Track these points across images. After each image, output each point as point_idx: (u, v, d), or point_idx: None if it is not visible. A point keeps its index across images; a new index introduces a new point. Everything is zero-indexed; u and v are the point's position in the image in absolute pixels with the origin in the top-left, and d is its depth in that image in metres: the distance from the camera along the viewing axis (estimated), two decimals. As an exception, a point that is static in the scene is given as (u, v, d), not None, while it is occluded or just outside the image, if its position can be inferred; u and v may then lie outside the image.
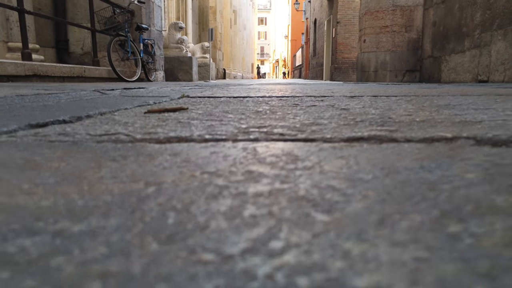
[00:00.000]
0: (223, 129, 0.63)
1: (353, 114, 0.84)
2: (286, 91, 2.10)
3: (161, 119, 0.72)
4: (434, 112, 0.87)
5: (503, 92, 1.44)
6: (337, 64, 11.68)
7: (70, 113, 0.83)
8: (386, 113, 0.86)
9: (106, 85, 3.16)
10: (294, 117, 0.77)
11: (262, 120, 0.73)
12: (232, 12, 23.70)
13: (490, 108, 0.93)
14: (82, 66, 3.79)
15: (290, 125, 0.69)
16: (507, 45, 3.40)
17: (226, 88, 2.63)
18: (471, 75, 4.01)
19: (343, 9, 11.36)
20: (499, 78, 3.51)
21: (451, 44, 4.48)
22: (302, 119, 0.78)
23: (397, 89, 2.04)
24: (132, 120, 0.73)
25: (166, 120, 0.70)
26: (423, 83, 5.24)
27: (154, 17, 5.89)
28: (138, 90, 1.55)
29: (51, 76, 3.24)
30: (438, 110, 0.91)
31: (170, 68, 8.43)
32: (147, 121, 0.72)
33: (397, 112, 0.88)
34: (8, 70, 2.75)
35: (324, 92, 1.76)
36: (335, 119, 0.77)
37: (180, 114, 0.78)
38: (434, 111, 0.90)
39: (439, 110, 0.92)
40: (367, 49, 5.65)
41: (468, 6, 4.11)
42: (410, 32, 5.34)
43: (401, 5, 5.30)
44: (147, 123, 0.69)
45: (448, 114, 0.82)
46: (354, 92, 1.64)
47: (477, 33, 3.90)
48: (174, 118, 0.74)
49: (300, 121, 0.74)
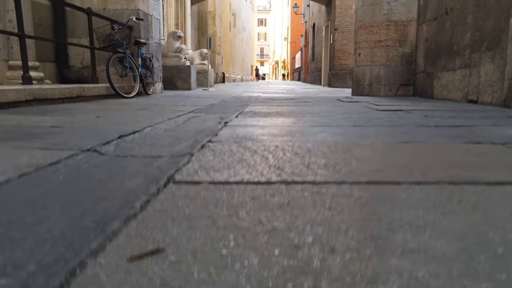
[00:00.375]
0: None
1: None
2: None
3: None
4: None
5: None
6: (334, 70, 11.77)
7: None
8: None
9: (104, 107, 3.25)
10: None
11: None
12: (232, 15, 23.79)
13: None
14: (81, 86, 3.88)
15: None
16: (495, 68, 3.49)
17: (224, 109, 2.76)
18: (462, 94, 4.10)
19: (341, 16, 11.46)
20: (488, 99, 3.60)
21: (443, 61, 4.57)
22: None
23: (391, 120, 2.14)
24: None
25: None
26: (417, 97, 5.34)
27: (153, 30, 5.97)
28: (133, 136, 1.63)
29: (51, 99, 3.33)
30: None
31: (169, 77, 8.51)
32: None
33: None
34: (10, 97, 2.84)
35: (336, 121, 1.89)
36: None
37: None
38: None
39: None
40: (362, 63, 5.74)
41: (458, 25, 4.20)
42: (404, 46, 5.44)
43: (395, 20, 5.39)
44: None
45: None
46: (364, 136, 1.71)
47: (467, 53, 3.99)
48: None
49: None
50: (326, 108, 3.21)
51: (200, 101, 4.50)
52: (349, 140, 1.49)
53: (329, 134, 1.61)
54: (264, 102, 4.15)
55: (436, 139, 1.50)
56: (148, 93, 5.48)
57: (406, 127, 1.89)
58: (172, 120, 2.24)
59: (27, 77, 3.30)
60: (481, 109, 3.17)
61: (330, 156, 1.17)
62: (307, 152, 1.24)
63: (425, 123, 2.06)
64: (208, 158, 1.15)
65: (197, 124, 2.15)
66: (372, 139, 1.51)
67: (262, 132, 1.67)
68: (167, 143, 1.50)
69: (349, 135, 1.62)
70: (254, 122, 2.09)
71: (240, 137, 1.56)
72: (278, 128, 1.80)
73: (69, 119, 2.19)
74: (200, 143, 1.43)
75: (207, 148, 1.32)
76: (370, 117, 2.41)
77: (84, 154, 1.23)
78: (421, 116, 2.42)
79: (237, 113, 2.76)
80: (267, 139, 1.50)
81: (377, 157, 1.18)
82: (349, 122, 2.09)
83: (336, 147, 1.31)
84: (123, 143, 1.46)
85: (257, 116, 2.45)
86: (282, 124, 2.04)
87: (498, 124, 2.03)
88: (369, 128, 1.87)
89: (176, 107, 3.44)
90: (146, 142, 1.52)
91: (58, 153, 1.22)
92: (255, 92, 8.22)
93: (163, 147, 1.41)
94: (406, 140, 1.47)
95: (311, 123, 2.08)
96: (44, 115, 2.49)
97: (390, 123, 2.03)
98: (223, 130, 1.78)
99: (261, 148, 1.31)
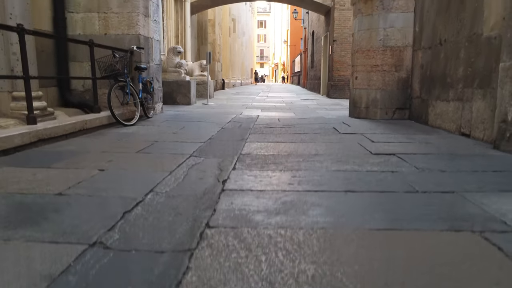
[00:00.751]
0: None
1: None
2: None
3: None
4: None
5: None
6: (333, 82, 11.88)
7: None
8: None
9: (105, 148, 3.35)
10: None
11: None
12: (231, 21, 23.88)
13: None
14: (84, 119, 3.97)
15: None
16: (486, 106, 3.59)
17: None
18: (455, 125, 4.20)
19: (340, 27, 11.55)
20: (479, 135, 3.70)
21: (437, 90, 4.67)
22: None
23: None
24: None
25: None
26: (412, 121, 5.44)
27: (153, 53, 6.07)
28: (136, 211, 1.73)
29: (54, 137, 3.42)
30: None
31: (169, 92, 8.61)
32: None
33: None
34: (15, 142, 2.94)
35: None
36: None
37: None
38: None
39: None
40: (359, 86, 5.84)
41: (452, 58, 4.29)
42: (400, 71, 5.53)
43: (391, 45, 5.49)
44: None
45: None
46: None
47: (460, 87, 4.09)
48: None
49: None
50: (321, 148, 3.32)
51: (200, 129, 4.59)
52: (339, 223, 1.59)
53: (320, 212, 1.71)
54: (262, 133, 4.24)
55: (418, 223, 1.60)
56: (149, 117, 5.58)
57: (394, 194, 2.00)
58: (172, 176, 2.33)
59: (31, 117, 3.40)
60: (471, 150, 3.27)
61: (320, 257, 1.28)
62: (298, 249, 1.34)
63: (414, 184, 2.16)
64: (206, 262, 1.25)
65: (196, 181, 2.25)
66: (358, 221, 1.62)
67: (258, 208, 1.77)
68: (167, 223, 1.60)
69: (340, 212, 1.72)
70: (250, 183, 2.20)
71: (237, 216, 1.67)
72: (273, 199, 1.90)
73: (73, 177, 2.29)
74: (199, 228, 1.53)
75: (205, 241, 1.42)
76: (362, 169, 2.52)
77: (91, 251, 1.33)
78: (413, 169, 2.52)
79: (236, 158, 2.87)
80: (262, 222, 1.60)
81: (358, 260, 1.28)
82: (341, 183, 2.19)
83: (325, 241, 1.41)
84: (126, 226, 1.56)
85: (254, 169, 2.55)
86: (277, 186, 2.15)
87: (483, 186, 2.13)
88: (358, 196, 1.97)
89: (176, 144, 3.54)
90: (148, 221, 1.62)
91: (67, 250, 1.32)
92: (254, 107, 8.32)
93: (164, 231, 1.52)
94: (387, 226, 1.57)
95: (305, 184, 2.18)
96: (48, 165, 2.58)
97: (379, 186, 2.13)
98: (221, 201, 1.88)
99: (255, 241, 1.41)
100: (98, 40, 5.23)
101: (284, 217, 1.65)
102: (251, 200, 1.88)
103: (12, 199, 1.89)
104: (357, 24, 5.82)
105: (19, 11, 4.10)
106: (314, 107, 8.58)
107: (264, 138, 3.91)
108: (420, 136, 4.04)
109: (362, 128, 4.70)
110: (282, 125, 5.00)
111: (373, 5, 5.46)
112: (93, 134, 4.04)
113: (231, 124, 5.19)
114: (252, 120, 5.63)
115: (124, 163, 2.74)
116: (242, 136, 4.03)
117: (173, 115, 6.39)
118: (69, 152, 3.05)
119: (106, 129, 4.44)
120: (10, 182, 2.17)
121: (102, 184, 2.19)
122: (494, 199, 1.90)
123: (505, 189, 2.09)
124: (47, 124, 3.49)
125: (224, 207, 1.78)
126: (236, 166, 2.61)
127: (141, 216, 1.69)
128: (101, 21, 5.37)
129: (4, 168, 2.49)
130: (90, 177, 2.30)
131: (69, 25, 5.34)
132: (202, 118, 5.84)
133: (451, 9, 4.31)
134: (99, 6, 5.32)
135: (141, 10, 5.45)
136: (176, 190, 2.09)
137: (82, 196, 1.94)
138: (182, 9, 11.68)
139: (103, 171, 2.47)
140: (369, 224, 1.58)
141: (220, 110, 7.66)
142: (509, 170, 2.52)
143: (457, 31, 4.15)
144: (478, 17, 3.73)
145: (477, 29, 3.75)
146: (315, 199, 1.90)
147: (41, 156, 2.93)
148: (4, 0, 3.95)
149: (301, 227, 1.54)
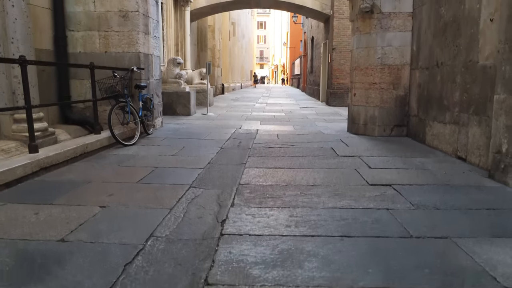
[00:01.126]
0: None
1: None
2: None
3: None
4: None
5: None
6: (332, 89, 11.93)
7: None
8: None
9: (106, 177, 3.39)
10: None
11: None
12: (231, 24, 23.90)
13: None
14: (85, 143, 4.02)
15: None
16: (482, 133, 3.64)
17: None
18: (452, 148, 4.25)
19: (339, 36, 11.60)
20: (475, 161, 3.75)
21: (434, 111, 4.72)
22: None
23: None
24: None
25: None
26: (410, 139, 5.49)
27: (153, 69, 6.11)
28: (136, 264, 1.77)
29: (55, 164, 3.47)
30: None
31: (169, 102, 8.66)
32: None
33: None
34: (18, 174, 2.98)
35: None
36: None
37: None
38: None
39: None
40: (357, 103, 5.88)
41: (448, 82, 4.34)
42: (398, 89, 5.58)
43: (389, 64, 5.54)
44: None
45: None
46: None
47: (457, 111, 4.14)
48: None
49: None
50: (319, 177, 3.37)
51: (200, 149, 4.64)
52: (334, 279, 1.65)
53: (316, 265, 1.76)
54: (261, 155, 4.29)
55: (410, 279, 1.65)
56: (149, 133, 5.62)
57: (388, 241, 2.05)
58: (172, 215, 2.38)
59: (33, 146, 3.44)
60: (466, 179, 3.31)
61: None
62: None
63: (409, 226, 2.22)
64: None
65: (195, 220, 2.30)
66: (352, 276, 1.67)
67: (256, 259, 1.82)
68: (168, 276, 1.65)
69: (335, 264, 1.77)
70: (248, 226, 2.25)
71: (235, 270, 1.72)
72: (270, 247, 1.95)
73: (75, 216, 2.34)
74: (198, 285, 1.58)
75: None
76: (359, 206, 2.57)
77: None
78: (408, 206, 2.57)
79: (235, 190, 2.92)
80: (259, 278, 1.65)
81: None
82: (337, 225, 2.24)
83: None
84: (128, 281, 1.61)
85: (252, 205, 2.60)
86: (274, 229, 2.20)
87: (476, 230, 2.19)
88: (353, 243, 2.02)
89: (175, 171, 3.58)
90: (149, 275, 1.67)
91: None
92: (254, 119, 8.37)
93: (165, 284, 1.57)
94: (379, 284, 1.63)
95: (302, 226, 2.24)
96: (51, 201, 2.62)
97: (374, 229, 2.18)
98: (219, 249, 1.93)
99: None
100: (98, 57, 5.28)
101: (281, 271, 1.70)
102: (249, 248, 1.93)
103: (15, 247, 1.94)
104: (355, 41, 5.86)
105: (21, 35, 4.15)
106: (313, 118, 8.63)
107: (263, 162, 3.95)
108: (417, 159, 4.09)
109: (360, 148, 4.75)
110: (281, 144, 5.05)
111: (371, 24, 5.51)
112: (94, 157, 4.09)
113: (230, 142, 5.23)
114: (251, 137, 5.68)
115: (124, 197, 2.78)
116: (241, 159, 4.08)
117: (173, 129, 6.43)
118: (70, 183, 3.09)
119: (106, 149, 4.48)
120: (13, 225, 2.22)
121: (104, 226, 2.23)
122: (486, 247, 1.95)
123: (497, 233, 2.14)
124: (48, 151, 3.53)
125: (223, 258, 1.83)
126: (234, 202, 2.66)
127: (141, 268, 1.73)
128: (102, 39, 5.41)
129: (8, 205, 2.54)
130: (91, 217, 2.34)
131: (69, 43, 5.38)
132: (201, 134, 5.89)
133: (448, 33, 4.36)
134: (100, 24, 5.36)
135: (141, 28, 5.50)
136: (176, 233, 2.14)
137: (84, 244, 1.99)
138: (182, 17, 11.72)
139: (104, 208, 2.52)
140: (363, 281, 1.63)
141: (219, 122, 7.71)
142: (502, 208, 2.57)
143: (454, 55, 4.20)
144: (474, 45, 3.78)
145: (472, 56, 3.80)
146: (311, 247, 1.95)
147: (43, 188, 2.97)
148: (6, 25, 3.99)
149: (297, 285, 1.59)
